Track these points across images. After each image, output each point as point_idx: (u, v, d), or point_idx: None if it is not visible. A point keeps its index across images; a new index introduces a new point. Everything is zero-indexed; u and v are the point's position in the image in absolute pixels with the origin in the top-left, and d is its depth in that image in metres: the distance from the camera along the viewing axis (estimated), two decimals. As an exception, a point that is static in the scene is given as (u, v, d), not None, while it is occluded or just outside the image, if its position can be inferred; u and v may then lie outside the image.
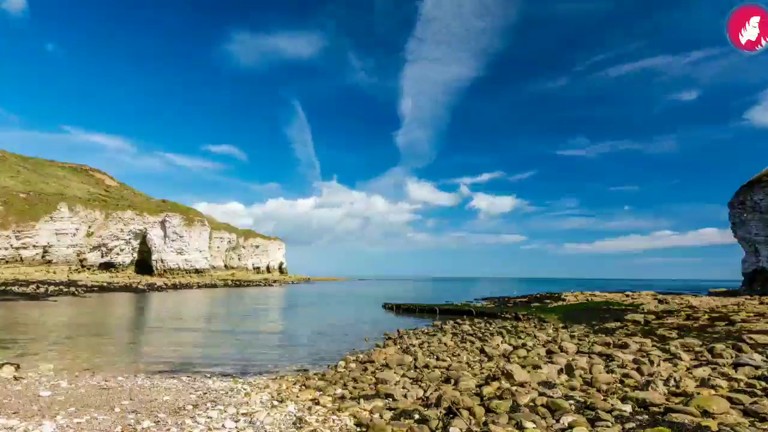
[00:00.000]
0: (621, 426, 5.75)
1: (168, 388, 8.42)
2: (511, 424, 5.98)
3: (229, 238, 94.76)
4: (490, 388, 7.68)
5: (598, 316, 23.10)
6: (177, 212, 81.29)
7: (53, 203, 63.45)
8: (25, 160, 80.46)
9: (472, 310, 27.92)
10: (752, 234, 46.44)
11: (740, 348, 11.07)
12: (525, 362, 9.95)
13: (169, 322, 23.20)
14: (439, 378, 9.09)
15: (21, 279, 49.77)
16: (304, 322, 25.07)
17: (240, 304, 38.06)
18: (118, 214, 72.83)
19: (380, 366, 10.75)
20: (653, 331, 16.02)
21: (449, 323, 21.54)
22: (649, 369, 9.00)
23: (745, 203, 46.96)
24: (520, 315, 24.50)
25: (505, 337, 15.75)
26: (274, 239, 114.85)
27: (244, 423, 6.23)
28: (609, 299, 31.71)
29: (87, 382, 8.74)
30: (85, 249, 66.98)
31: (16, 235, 57.23)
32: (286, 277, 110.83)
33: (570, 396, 7.21)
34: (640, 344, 12.36)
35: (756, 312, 19.00)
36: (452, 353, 12.36)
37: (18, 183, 66.93)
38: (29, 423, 5.87)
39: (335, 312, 32.05)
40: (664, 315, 19.45)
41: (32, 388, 7.95)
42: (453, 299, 41.27)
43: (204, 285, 65.08)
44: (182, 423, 6.12)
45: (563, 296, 37.10)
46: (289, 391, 8.32)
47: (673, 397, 6.94)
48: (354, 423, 6.35)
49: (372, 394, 7.96)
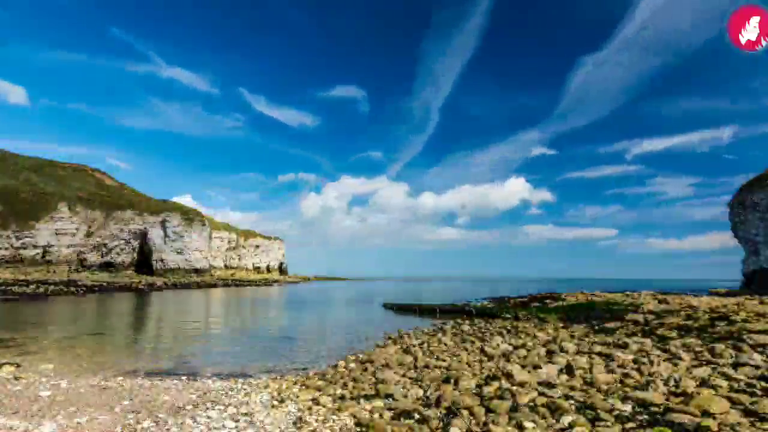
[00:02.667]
0: (621, 426, 5.76)
1: (168, 388, 8.43)
2: (511, 424, 5.98)
3: (229, 237, 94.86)
4: (490, 388, 7.68)
5: (598, 316, 23.10)
6: (177, 212, 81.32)
7: (53, 203, 63.47)
8: (25, 160, 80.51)
9: (472, 310, 27.90)
10: (752, 234, 46.49)
11: (740, 348, 11.06)
12: (525, 362, 9.95)
13: (169, 322, 23.22)
14: (439, 378, 9.08)
15: (21, 279, 49.76)
16: (304, 321, 25.07)
17: (240, 303, 38.06)
18: (118, 214, 72.86)
19: (380, 366, 10.75)
20: (653, 331, 16.00)
21: (449, 323, 21.54)
22: (649, 369, 9.00)
23: (745, 203, 47.01)
24: (520, 315, 24.50)
25: (505, 337, 15.75)
26: (275, 239, 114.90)
27: (244, 423, 6.23)
28: (609, 299, 31.67)
29: (87, 382, 8.75)
30: (85, 249, 66.99)
31: (16, 235, 57.24)
32: (287, 277, 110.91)
33: (570, 396, 7.21)
34: (640, 344, 12.35)
35: (756, 312, 18.99)
36: (452, 353, 12.35)
37: (18, 183, 66.93)
38: (29, 423, 5.88)
39: (335, 312, 32.04)
40: (664, 315, 19.43)
41: (32, 388, 7.96)
42: (459, 299, 41.24)
43: (204, 285, 65.08)
44: (182, 423, 6.13)
45: (563, 296, 37.08)
46: (289, 391, 8.32)
47: (673, 397, 6.94)
48: (354, 423, 6.35)
49: (372, 394, 7.95)
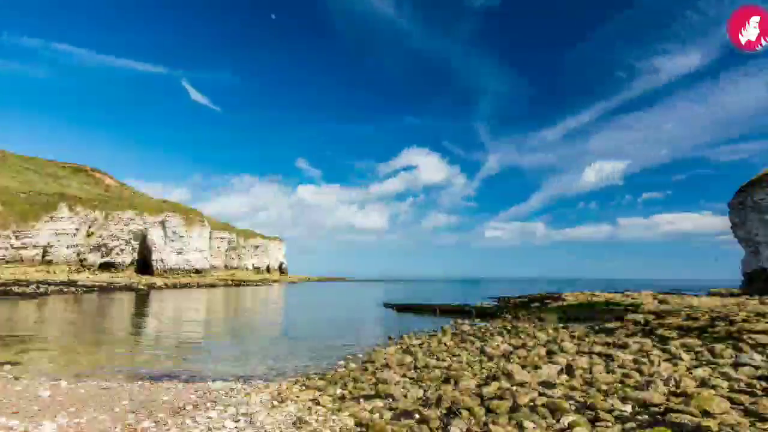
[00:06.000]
0: (621, 426, 5.75)
1: (168, 389, 8.43)
2: (511, 424, 5.98)
3: (229, 238, 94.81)
4: (490, 388, 7.67)
5: (598, 316, 23.10)
6: (177, 212, 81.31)
7: (53, 203, 63.44)
8: (25, 160, 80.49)
9: (472, 310, 27.89)
10: (752, 234, 46.48)
11: (740, 348, 11.07)
12: (525, 362, 9.95)
13: (169, 322, 23.20)
14: (439, 378, 9.08)
15: (21, 279, 49.73)
16: (304, 321, 25.07)
17: (240, 304, 38.05)
18: (118, 214, 72.82)
19: (380, 366, 10.74)
20: (653, 331, 16.00)
21: (449, 323, 21.54)
22: (649, 369, 9.00)
23: (745, 203, 47.00)
24: (520, 315, 24.50)
25: (505, 337, 15.75)
26: (275, 239, 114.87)
27: (244, 423, 6.22)
28: (609, 299, 31.66)
29: (87, 382, 8.75)
30: (85, 249, 66.96)
31: (16, 235, 57.24)
32: (287, 277, 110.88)
33: (570, 396, 7.21)
34: (640, 344, 12.34)
35: (756, 312, 18.98)
36: (452, 353, 12.35)
37: (18, 183, 66.92)
38: (29, 423, 5.87)
39: (335, 312, 32.04)
40: (664, 315, 19.42)
41: (32, 388, 7.95)
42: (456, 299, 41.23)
43: (204, 285, 65.07)
44: (182, 423, 6.12)
45: (563, 296, 37.07)
46: (289, 391, 8.32)
47: (673, 397, 6.93)
48: (354, 423, 6.35)
49: (372, 394, 7.95)
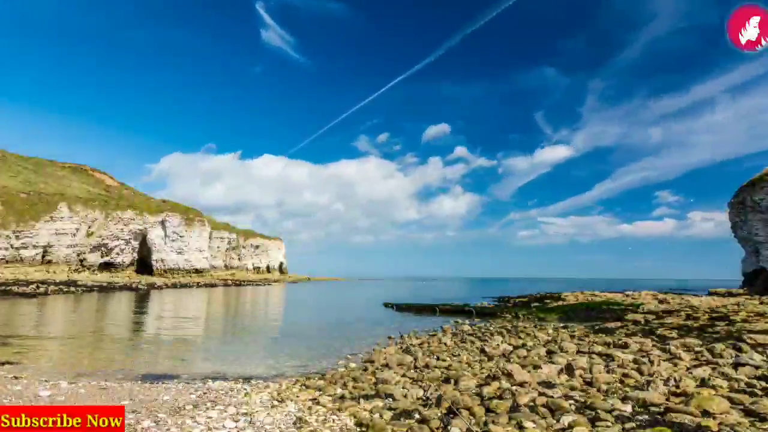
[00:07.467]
0: (621, 426, 5.75)
1: (168, 388, 8.42)
2: (511, 423, 5.98)
3: (229, 237, 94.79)
4: (490, 388, 7.68)
5: (598, 316, 23.12)
6: (177, 212, 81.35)
7: (53, 203, 63.46)
8: (25, 160, 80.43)
9: (472, 309, 27.90)
10: (752, 234, 46.49)
11: (740, 348, 11.07)
12: (525, 362, 9.95)
13: (169, 321, 23.20)
14: (439, 378, 9.09)
15: (21, 279, 49.75)
16: (304, 321, 25.07)
17: (239, 303, 38.05)
18: (118, 214, 72.83)
19: (380, 366, 10.75)
20: (653, 331, 16.01)
21: (449, 323, 21.54)
22: (649, 369, 9.00)
23: (745, 203, 46.99)
24: (520, 315, 24.51)
25: (505, 337, 15.74)
26: (275, 239, 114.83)
27: (244, 423, 6.22)
28: (609, 299, 31.70)
29: (87, 382, 8.74)
30: (85, 249, 66.96)
31: (16, 235, 57.25)
32: (287, 277, 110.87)
33: (570, 396, 7.21)
34: (640, 344, 12.35)
35: (756, 312, 19.00)
36: (452, 353, 12.34)
37: (18, 183, 66.92)
38: (29, 423, 5.87)
39: (335, 312, 32.04)
40: (664, 315, 19.44)
41: (32, 388, 7.95)
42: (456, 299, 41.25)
43: (204, 285, 65.07)
44: (182, 423, 6.12)
45: (563, 296, 37.09)
46: (289, 391, 8.32)
47: (673, 397, 6.94)
48: (354, 423, 6.35)
49: (372, 394, 7.95)
